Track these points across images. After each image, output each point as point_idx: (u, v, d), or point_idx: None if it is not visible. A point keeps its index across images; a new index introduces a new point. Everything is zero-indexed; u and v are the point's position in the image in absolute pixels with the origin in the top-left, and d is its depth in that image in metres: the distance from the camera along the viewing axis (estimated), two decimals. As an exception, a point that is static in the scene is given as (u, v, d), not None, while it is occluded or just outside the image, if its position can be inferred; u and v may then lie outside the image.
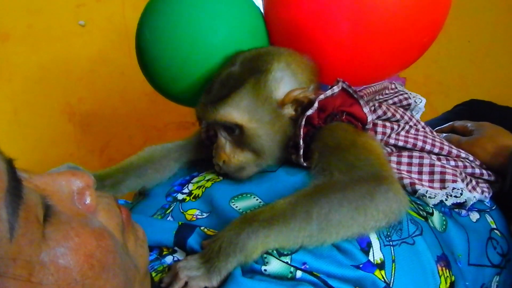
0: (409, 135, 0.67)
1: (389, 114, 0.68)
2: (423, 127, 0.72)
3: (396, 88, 0.81)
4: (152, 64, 0.72)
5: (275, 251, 0.48)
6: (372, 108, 0.67)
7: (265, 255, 0.48)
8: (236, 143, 0.63)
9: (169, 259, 0.55)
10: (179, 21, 0.68)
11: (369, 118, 0.60)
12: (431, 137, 0.69)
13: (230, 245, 0.47)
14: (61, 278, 0.32)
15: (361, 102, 0.61)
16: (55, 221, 0.34)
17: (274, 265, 0.47)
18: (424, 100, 0.80)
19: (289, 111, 0.62)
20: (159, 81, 0.74)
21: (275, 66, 0.61)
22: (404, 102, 0.76)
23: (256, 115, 0.60)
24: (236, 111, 0.60)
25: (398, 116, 0.69)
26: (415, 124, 0.71)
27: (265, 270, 0.47)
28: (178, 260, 0.51)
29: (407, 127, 0.69)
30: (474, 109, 1.06)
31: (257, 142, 0.61)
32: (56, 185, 0.38)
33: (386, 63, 0.71)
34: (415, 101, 0.79)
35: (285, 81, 0.62)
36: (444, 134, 0.80)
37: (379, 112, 0.67)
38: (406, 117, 0.71)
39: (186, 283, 0.47)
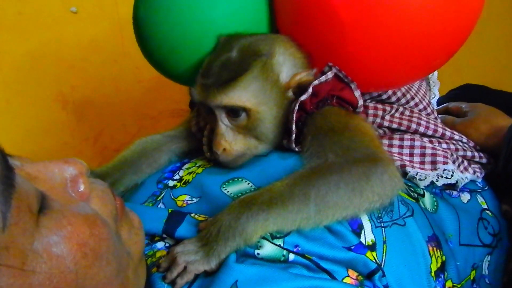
0: (403, 117, 0.67)
1: (384, 96, 0.68)
2: (424, 107, 0.72)
3: None
4: (148, 41, 0.70)
5: (268, 234, 0.48)
6: None
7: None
8: (237, 129, 0.62)
9: (160, 245, 0.55)
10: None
11: (360, 102, 0.60)
12: (425, 119, 0.69)
13: (230, 229, 0.47)
14: (54, 266, 0.33)
15: (352, 86, 0.60)
16: (48, 210, 0.34)
17: (267, 249, 0.47)
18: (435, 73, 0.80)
19: (291, 94, 0.62)
20: (156, 58, 0.72)
21: (277, 50, 0.61)
22: None
23: (264, 98, 0.60)
24: (245, 94, 0.58)
25: (393, 99, 0.69)
26: (416, 104, 0.71)
27: (258, 253, 0.47)
28: (175, 244, 0.51)
29: (401, 109, 0.69)
30: (469, 94, 1.05)
31: (263, 126, 0.61)
32: (49, 172, 0.38)
33: (405, 67, 0.62)
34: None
35: (287, 65, 0.62)
36: (439, 116, 0.80)
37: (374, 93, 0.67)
38: (408, 95, 0.70)
39: (184, 268, 0.47)
